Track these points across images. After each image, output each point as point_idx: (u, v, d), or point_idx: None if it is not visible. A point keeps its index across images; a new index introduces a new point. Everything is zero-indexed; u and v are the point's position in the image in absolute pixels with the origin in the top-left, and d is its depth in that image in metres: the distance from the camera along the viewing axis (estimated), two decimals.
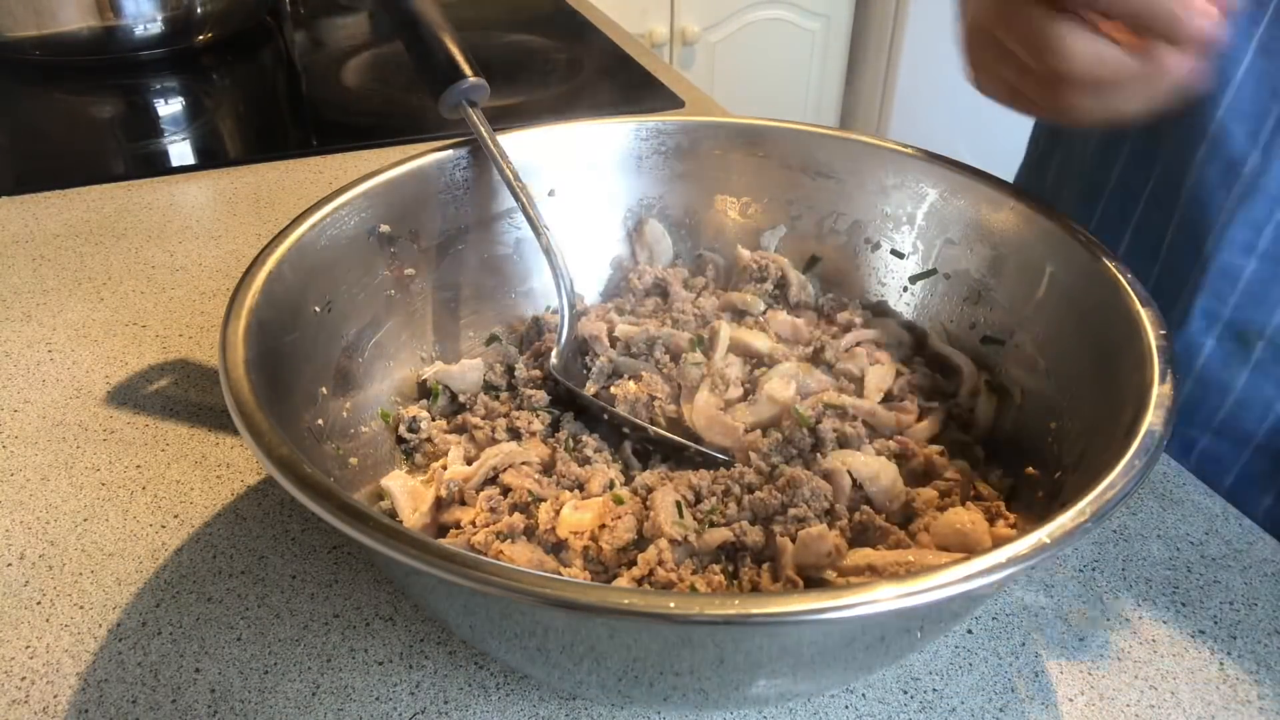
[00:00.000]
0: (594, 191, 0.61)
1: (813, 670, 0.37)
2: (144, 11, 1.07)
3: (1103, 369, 0.45)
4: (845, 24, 2.47)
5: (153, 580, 0.49)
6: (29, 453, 0.56)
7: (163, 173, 0.89)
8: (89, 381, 0.62)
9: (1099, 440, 0.41)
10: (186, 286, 0.72)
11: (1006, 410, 0.52)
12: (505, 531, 0.44)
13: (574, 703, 0.43)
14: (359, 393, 0.50)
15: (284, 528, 0.52)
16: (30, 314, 0.69)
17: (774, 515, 0.45)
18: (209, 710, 0.42)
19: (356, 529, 0.32)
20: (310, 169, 0.90)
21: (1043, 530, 0.32)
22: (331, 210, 0.50)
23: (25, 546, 0.50)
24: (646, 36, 2.28)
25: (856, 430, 0.50)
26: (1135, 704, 0.44)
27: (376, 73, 1.14)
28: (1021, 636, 0.47)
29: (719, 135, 0.61)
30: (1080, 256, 0.48)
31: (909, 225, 0.58)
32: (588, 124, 0.60)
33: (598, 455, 0.50)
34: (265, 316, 0.43)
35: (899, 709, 0.43)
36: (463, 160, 0.56)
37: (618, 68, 1.13)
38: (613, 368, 0.55)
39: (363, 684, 0.44)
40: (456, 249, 0.57)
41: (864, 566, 0.43)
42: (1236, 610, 0.48)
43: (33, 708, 0.43)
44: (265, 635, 0.46)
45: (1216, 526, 0.53)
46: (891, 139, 0.58)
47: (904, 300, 0.59)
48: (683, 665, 0.35)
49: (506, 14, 1.32)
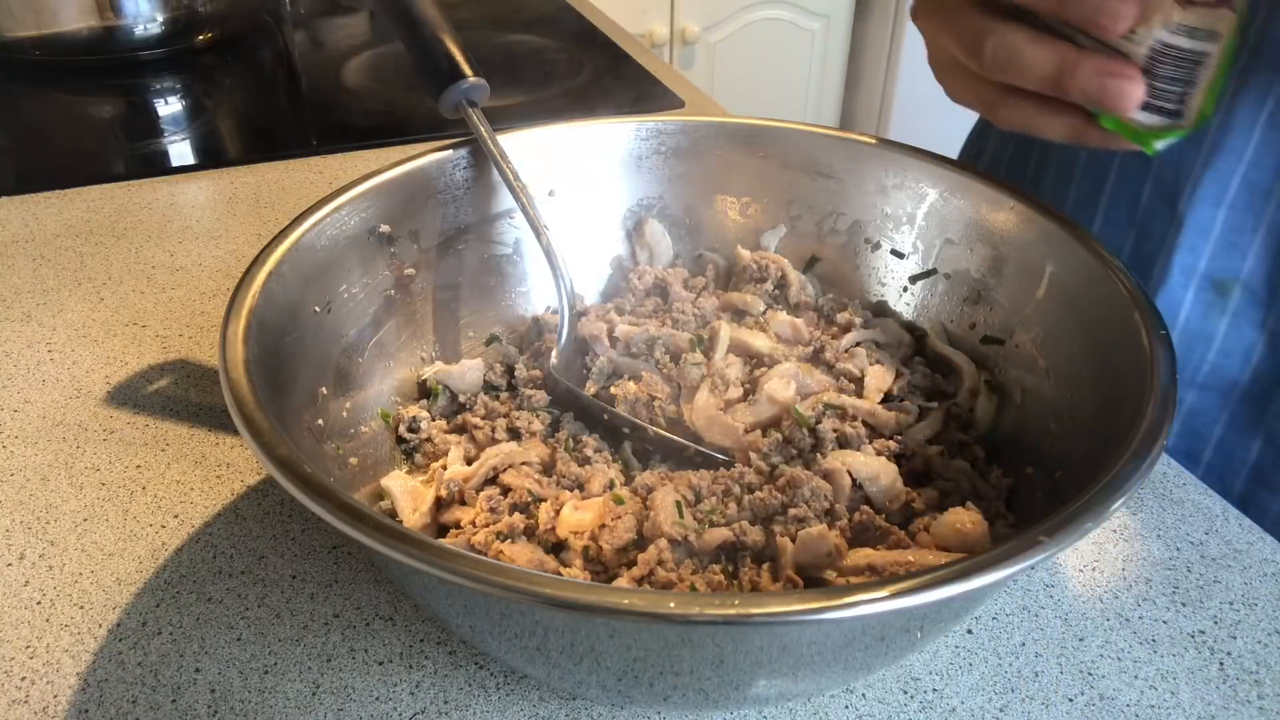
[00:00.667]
0: (594, 191, 0.61)
1: (813, 670, 0.37)
2: (144, 11, 1.07)
3: (1103, 369, 0.45)
4: (845, 24, 2.47)
5: (153, 580, 0.49)
6: (29, 453, 0.56)
7: (163, 173, 0.89)
8: (89, 381, 0.62)
9: (1099, 440, 0.41)
10: (186, 286, 0.72)
11: (1006, 410, 0.52)
12: (505, 531, 0.44)
13: (574, 703, 0.43)
14: (359, 393, 0.50)
15: (284, 528, 0.52)
16: (30, 314, 0.69)
17: (774, 515, 0.45)
18: (209, 710, 0.43)
19: (356, 529, 0.32)
20: (310, 169, 0.90)
21: (1043, 530, 0.32)
22: (331, 210, 0.50)
23: (25, 546, 0.50)
24: (646, 36, 2.28)
25: (856, 430, 0.50)
26: (1135, 704, 0.44)
27: (376, 73, 1.14)
28: (1021, 636, 0.47)
29: (719, 135, 0.61)
30: (1080, 256, 0.48)
31: (909, 225, 0.58)
32: (588, 124, 0.60)
33: (598, 455, 0.50)
34: (265, 316, 0.43)
35: (899, 709, 0.43)
36: (463, 160, 0.56)
37: (618, 68, 1.13)
38: (613, 368, 0.55)
39: (363, 684, 0.44)
40: (456, 249, 0.57)
41: (864, 566, 0.43)
42: (1236, 610, 0.48)
43: (33, 708, 0.43)
44: (265, 635, 0.46)
45: (1216, 526, 0.53)
46: (891, 139, 0.58)
47: (904, 300, 0.59)
48: (683, 665, 0.35)
49: (506, 14, 1.32)
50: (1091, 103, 0.40)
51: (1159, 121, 0.40)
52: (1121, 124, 0.40)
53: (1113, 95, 0.39)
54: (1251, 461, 0.63)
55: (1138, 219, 0.63)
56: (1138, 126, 0.40)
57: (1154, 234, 0.63)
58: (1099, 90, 0.39)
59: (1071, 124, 0.42)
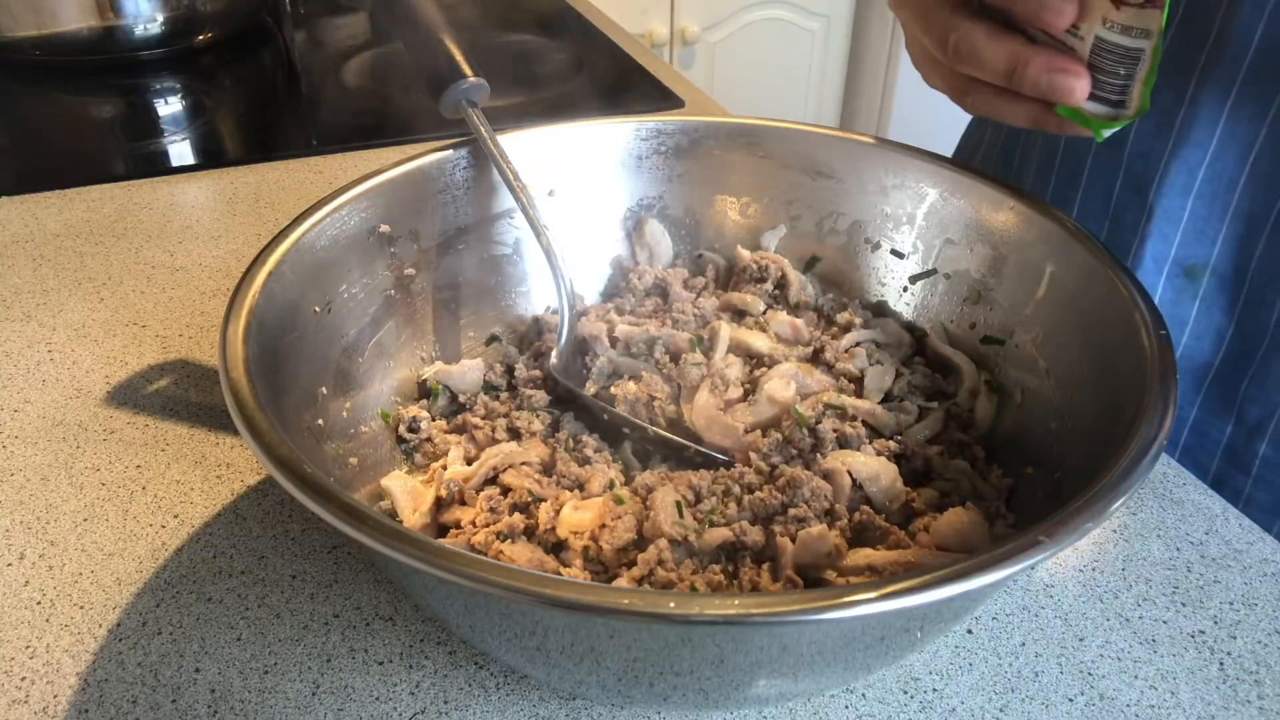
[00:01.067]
0: (594, 191, 0.61)
1: (813, 670, 0.37)
2: (144, 11, 1.07)
3: (1103, 369, 0.45)
4: (845, 24, 2.47)
5: (153, 580, 0.49)
6: (29, 453, 0.56)
7: (163, 173, 0.89)
8: (89, 381, 0.62)
9: (1099, 440, 0.41)
10: (186, 286, 0.72)
11: (1006, 410, 0.52)
12: (505, 531, 0.44)
13: (574, 703, 0.43)
14: (359, 393, 0.50)
15: (284, 528, 0.52)
16: (30, 314, 0.69)
17: (774, 515, 0.45)
18: (209, 710, 0.43)
19: (356, 529, 0.32)
20: (310, 169, 0.90)
21: (1043, 530, 0.32)
22: (331, 210, 0.50)
23: (25, 546, 0.50)
24: (646, 36, 2.28)
25: (856, 430, 0.50)
26: (1135, 704, 0.44)
27: (376, 73, 1.14)
28: (1021, 636, 0.47)
29: (719, 135, 0.61)
30: (1080, 256, 0.48)
31: (909, 225, 0.58)
32: (588, 124, 0.60)
33: (598, 455, 0.50)
34: (265, 316, 0.43)
35: (899, 709, 0.43)
36: (463, 160, 0.56)
37: (618, 68, 1.13)
38: (613, 368, 0.55)
39: (363, 684, 0.44)
40: (456, 249, 0.57)
41: (864, 566, 0.43)
42: (1236, 610, 0.48)
43: (33, 708, 0.43)
44: (265, 635, 0.46)
45: (1216, 526, 0.53)
46: (891, 139, 0.58)
47: (904, 300, 0.59)
48: (683, 665, 0.35)
49: (506, 14, 1.32)
50: (1041, 95, 0.44)
51: (1106, 111, 0.43)
52: (1074, 112, 0.44)
53: (1059, 89, 0.43)
54: (1224, 443, 0.64)
55: (1111, 208, 0.65)
56: (1088, 114, 0.44)
57: (1126, 223, 0.65)
58: (1047, 84, 0.43)
59: (1030, 111, 0.46)
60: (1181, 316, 0.64)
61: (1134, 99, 0.42)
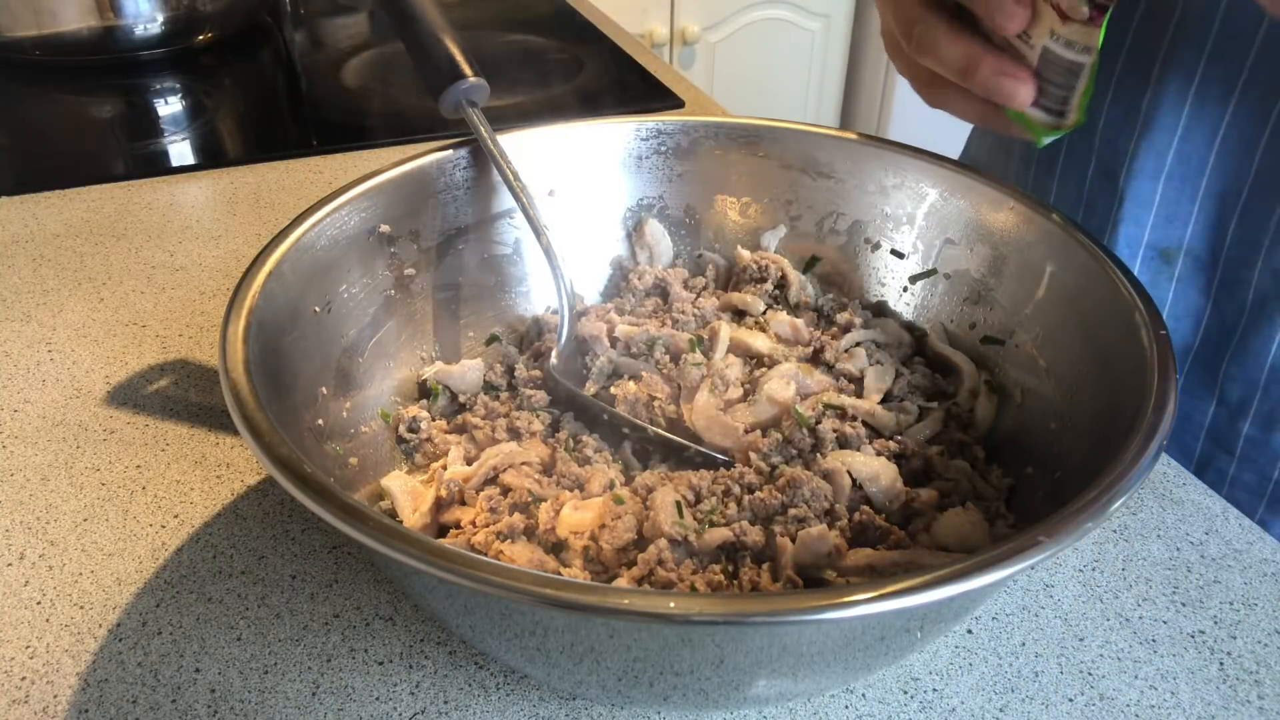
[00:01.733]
0: (594, 191, 0.61)
1: (813, 670, 0.37)
2: (144, 11, 1.07)
3: (1103, 369, 0.45)
4: (845, 24, 2.47)
5: (153, 580, 0.49)
6: (29, 453, 0.56)
7: (163, 173, 0.89)
8: (89, 381, 0.62)
9: (1099, 440, 0.41)
10: (186, 286, 0.72)
11: (1006, 410, 0.52)
12: (505, 531, 0.44)
13: (574, 703, 0.43)
14: (359, 393, 0.50)
15: (284, 528, 0.52)
16: (30, 314, 0.69)
17: (774, 515, 0.45)
18: (209, 710, 0.43)
19: (356, 529, 0.32)
20: (310, 169, 0.90)
21: (1043, 530, 0.32)
22: (331, 210, 0.50)
23: (25, 546, 0.50)
24: (646, 36, 2.28)
25: (856, 430, 0.50)
26: (1135, 704, 0.44)
27: (376, 73, 1.14)
28: (1021, 636, 0.47)
29: (719, 135, 0.61)
30: (1080, 256, 0.48)
31: (909, 225, 0.58)
32: (588, 124, 0.60)
33: (598, 455, 0.50)
34: (265, 316, 0.43)
35: (899, 709, 0.43)
36: (463, 160, 0.56)
37: (618, 68, 1.13)
38: (613, 368, 0.55)
39: (363, 684, 0.44)
40: (456, 249, 0.57)
41: (864, 566, 0.43)
42: (1236, 610, 0.48)
43: (33, 708, 0.43)
44: (265, 635, 0.46)
45: (1216, 526, 0.53)
46: (891, 139, 0.58)
47: (904, 300, 0.59)
48: (683, 665, 0.35)
49: (506, 14, 1.32)
50: (988, 96, 0.45)
51: (1049, 119, 0.45)
52: (1020, 116, 0.45)
53: (1005, 92, 0.44)
54: (1207, 425, 0.65)
55: (1085, 195, 0.66)
56: (1033, 120, 0.45)
57: (1100, 209, 0.65)
58: (995, 86, 0.44)
59: (982, 110, 0.47)
60: (1159, 299, 0.64)
61: (1072, 111, 0.44)
